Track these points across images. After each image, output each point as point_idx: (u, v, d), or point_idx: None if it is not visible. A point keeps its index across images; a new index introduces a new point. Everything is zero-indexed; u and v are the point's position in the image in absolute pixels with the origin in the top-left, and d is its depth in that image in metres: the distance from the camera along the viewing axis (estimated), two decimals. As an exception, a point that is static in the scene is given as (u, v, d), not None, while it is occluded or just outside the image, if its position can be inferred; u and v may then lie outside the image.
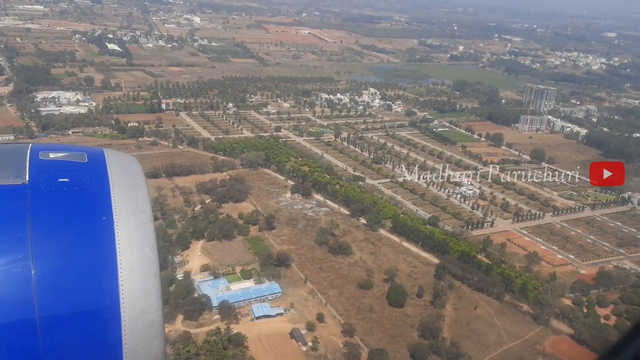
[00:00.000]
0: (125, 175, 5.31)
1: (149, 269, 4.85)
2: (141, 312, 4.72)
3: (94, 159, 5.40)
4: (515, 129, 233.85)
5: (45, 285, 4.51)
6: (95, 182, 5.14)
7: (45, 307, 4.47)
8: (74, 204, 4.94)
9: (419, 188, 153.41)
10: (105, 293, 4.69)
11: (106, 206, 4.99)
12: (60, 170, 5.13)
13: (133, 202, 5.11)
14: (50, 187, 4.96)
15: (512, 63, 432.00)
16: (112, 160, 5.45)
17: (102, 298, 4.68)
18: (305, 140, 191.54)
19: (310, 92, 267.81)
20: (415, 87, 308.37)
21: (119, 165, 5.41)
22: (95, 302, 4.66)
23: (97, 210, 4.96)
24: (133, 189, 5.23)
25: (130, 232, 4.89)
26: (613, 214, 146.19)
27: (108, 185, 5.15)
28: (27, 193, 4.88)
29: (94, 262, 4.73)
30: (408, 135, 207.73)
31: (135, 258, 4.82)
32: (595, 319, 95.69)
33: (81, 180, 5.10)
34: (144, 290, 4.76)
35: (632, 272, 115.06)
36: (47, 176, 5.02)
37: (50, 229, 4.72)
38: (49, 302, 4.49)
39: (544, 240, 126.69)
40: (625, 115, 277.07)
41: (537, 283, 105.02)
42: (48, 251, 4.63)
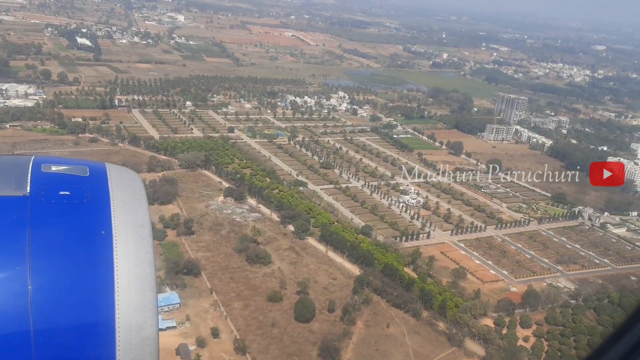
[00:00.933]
0: (126, 190, 5.25)
1: (146, 285, 4.75)
2: (136, 328, 4.62)
3: (95, 172, 5.35)
4: (481, 138, 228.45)
5: (41, 299, 4.44)
6: (96, 196, 5.07)
7: (40, 321, 4.40)
8: (74, 217, 4.87)
9: (362, 195, 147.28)
10: (101, 308, 4.61)
11: (106, 220, 4.93)
12: (61, 183, 5.09)
13: (133, 217, 5.03)
14: (51, 200, 4.91)
15: (494, 72, 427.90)
16: (114, 174, 5.41)
17: (98, 313, 4.60)
18: (257, 142, 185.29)
19: (277, 93, 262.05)
20: (388, 93, 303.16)
21: (120, 179, 5.36)
22: (90, 316, 4.58)
23: (96, 224, 4.89)
24: (133, 204, 5.16)
25: (128, 247, 4.82)
26: (560, 229, 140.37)
27: (108, 199, 5.08)
28: (28, 205, 4.82)
29: (91, 277, 4.65)
30: (367, 141, 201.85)
31: (133, 273, 4.73)
32: (511, 341, 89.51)
33: (82, 193, 5.04)
34: (140, 306, 4.67)
35: (565, 290, 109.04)
36: (48, 188, 4.98)
37: (49, 242, 4.67)
38: (44, 316, 4.42)
39: (480, 255, 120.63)
40: (598, 127, 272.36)
41: (459, 300, 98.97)
42: (46, 264, 4.55)
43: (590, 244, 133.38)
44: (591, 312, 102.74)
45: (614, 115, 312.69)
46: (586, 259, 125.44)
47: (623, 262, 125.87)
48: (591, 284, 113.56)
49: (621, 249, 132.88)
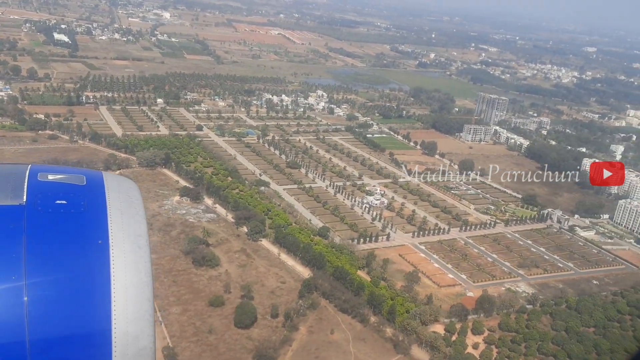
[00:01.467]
0: (122, 199, 5.20)
1: (142, 295, 4.72)
2: (133, 338, 4.59)
3: (92, 181, 5.31)
4: (459, 138, 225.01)
5: (37, 308, 4.39)
6: (93, 205, 5.03)
7: (36, 330, 4.34)
8: (71, 226, 4.83)
9: (325, 196, 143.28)
10: (97, 318, 4.55)
11: (102, 229, 4.89)
12: (58, 192, 5.04)
13: (130, 226, 5.00)
14: (48, 209, 4.87)
15: (481, 72, 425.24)
16: (111, 183, 5.36)
17: (94, 323, 4.55)
18: (225, 140, 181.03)
19: (254, 92, 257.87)
20: (368, 92, 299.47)
21: (117, 189, 5.31)
22: (86, 326, 4.53)
23: (93, 233, 4.85)
24: (130, 213, 5.12)
25: (125, 256, 4.78)
26: (527, 232, 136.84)
27: (105, 208, 5.04)
28: (24, 214, 4.78)
29: (88, 286, 4.59)
30: (340, 140, 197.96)
31: (130, 283, 4.69)
32: (458, 348, 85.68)
33: (79, 202, 4.99)
34: (136, 316, 4.63)
35: (524, 295, 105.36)
36: (44, 197, 4.93)
37: (45, 251, 4.62)
38: (39, 325, 4.37)
39: (440, 258, 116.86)
40: (579, 129, 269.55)
41: (411, 305, 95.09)
42: (42, 273, 4.51)
43: (556, 248, 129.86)
44: (547, 317, 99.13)
45: (597, 116, 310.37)
46: (550, 262, 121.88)
47: (587, 265, 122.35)
48: (551, 289, 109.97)
49: (587, 252, 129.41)
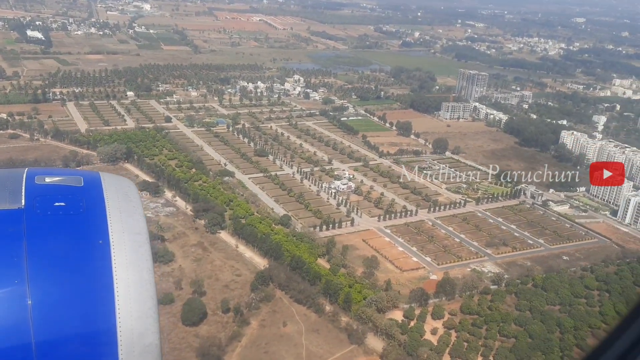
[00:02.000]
0: (121, 199, 5.24)
1: (145, 292, 4.75)
2: (138, 336, 4.61)
3: (90, 182, 5.35)
4: (437, 117, 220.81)
5: (41, 310, 4.45)
6: (92, 206, 5.08)
7: (41, 332, 4.41)
8: (70, 228, 4.89)
9: (292, 183, 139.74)
10: (101, 317, 4.61)
11: (102, 230, 4.94)
12: (56, 194, 5.08)
13: (129, 225, 5.03)
14: (46, 212, 4.92)
15: (466, 49, 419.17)
16: (108, 183, 5.40)
17: (99, 322, 4.60)
18: (194, 131, 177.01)
19: (229, 80, 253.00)
20: (347, 74, 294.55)
21: (115, 188, 5.35)
22: (91, 326, 4.58)
23: (93, 234, 4.91)
24: (129, 212, 5.15)
25: (126, 255, 4.82)
26: (498, 209, 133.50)
27: (104, 208, 5.09)
28: (23, 217, 4.83)
29: (90, 286, 4.66)
30: (313, 125, 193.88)
31: (132, 281, 4.73)
32: (414, 335, 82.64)
33: (77, 204, 5.05)
34: (140, 314, 4.67)
35: (489, 275, 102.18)
36: (43, 200, 4.99)
37: (46, 253, 4.68)
38: (44, 327, 4.43)
39: (405, 241, 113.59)
40: (562, 101, 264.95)
41: (369, 292, 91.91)
42: (44, 276, 4.58)
43: (527, 224, 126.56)
44: (512, 297, 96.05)
45: (582, 87, 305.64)
46: (519, 240, 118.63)
47: (558, 241, 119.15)
48: (518, 267, 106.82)
49: (559, 227, 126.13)
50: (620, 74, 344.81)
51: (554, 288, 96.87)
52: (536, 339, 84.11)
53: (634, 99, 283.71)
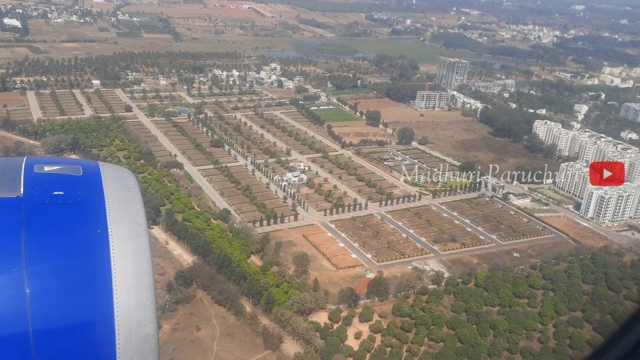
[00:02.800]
0: (120, 188, 5.25)
1: (143, 282, 4.75)
2: (136, 326, 4.63)
3: (88, 172, 5.35)
4: (412, 106, 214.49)
5: (39, 299, 4.47)
6: (90, 195, 5.08)
7: (39, 321, 4.43)
8: (69, 217, 4.89)
9: (243, 174, 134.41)
10: (99, 306, 4.62)
11: (101, 219, 4.94)
12: (55, 183, 5.09)
13: (128, 215, 5.03)
14: (45, 200, 4.93)
15: (456, 37, 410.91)
16: (107, 173, 5.41)
17: (96, 311, 4.61)
18: (154, 120, 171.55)
19: (203, 68, 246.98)
20: (328, 63, 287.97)
21: (114, 178, 5.36)
22: (89, 315, 4.60)
23: (92, 223, 4.91)
24: (128, 202, 5.16)
25: (125, 245, 4.83)
26: (455, 202, 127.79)
27: (103, 198, 5.10)
28: (22, 206, 4.85)
29: (89, 276, 4.67)
30: (281, 115, 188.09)
31: (130, 271, 4.74)
32: (334, 340, 77.46)
33: (76, 193, 5.05)
34: (138, 304, 4.67)
35: (431, 274, 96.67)
36: (42, 189, 5.00)
37: (45, 242, 4.70)
38: (42, 316, 4.45)
39: (348, 236, 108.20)
40: (546, 89, 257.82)
41: (296, 292, 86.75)
42: (42, 264, 4.59)
43: (483, 218, 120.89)
44: (450, 297, 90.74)
45: (569, 75, 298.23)
46: (471, 235, 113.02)
47: (512, 236, 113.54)
48: (464, 265, 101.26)
49: (516, 222, 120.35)
50: (612, 62, 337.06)
51: (496, 288, 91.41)
52: (466, 343, 78.85)
53: (622, 87, 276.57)
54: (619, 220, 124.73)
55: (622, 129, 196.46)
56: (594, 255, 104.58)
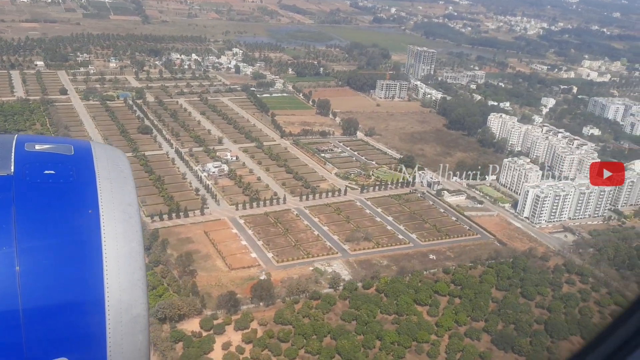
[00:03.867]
0: (112, 169, 5.17)
1: (134, 263, 4.67)
2: (126, 306, 4.57)
3: (80, 151, 5.23)
4: (371, 95, 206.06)
5: (29, 278, 4.41)
6: (82, 175, 4.98)
7: (29, 300, 4.37)
8: (60, 196, 4.78)
9: (162, 164, 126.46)
10: (90, 286, 4.53)
11: (92, 199, 4.83)
12: (46, 162, 4.98)
13: (119, 195, 4.94)
14: (36, 179, 4.83)
15: (439, 27, 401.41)
16: (99, 153, 5.29)
17: (87, 291, 4.52)
18: (87, 104, 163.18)
19: (162, 52, 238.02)
20: (296, 49, 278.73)
21: (106, 158, 5.26)
22: (79, 295, 4.51)
23: (83, 203, 4.80)
24: (120, 182, 5.08)
25: (116, 225, 4.73)
26: (384, 198, 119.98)
27: (94, 178, 5.00)
28: (12, 184, 4.75)
29: (79, 255, 4.58)
30: (227, 101, 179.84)
31: (121, 252, 4.65)
32: (195, 352, 69.85)
33: (67, 172, 4.95)
34: (129, 284, 4.60)
35: (329, 276, 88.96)
36: (32, 168, 4.90)
37: (35, 221, 4.60)
38: (32, 295, 4.39)
39: (254, 233, 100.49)
40: (517, 82, 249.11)
41: (172, 296, 79.13)
42: (32, 243, 4.51)
43: (408, 216, 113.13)
44: (345, 303, 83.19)
45: (546, 68, 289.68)
46: (389, 234, 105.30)
47: (434, 236, 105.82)
48: (372, 266, 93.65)
49: (443, 221, 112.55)
50: (594, 55, 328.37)
51: (397, 294, 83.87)
52: (344, 356, 71.36)
53: (597, 81, 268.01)
54: (556, 220, 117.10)
55: (586, 123, 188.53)
56: (516, 259, 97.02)
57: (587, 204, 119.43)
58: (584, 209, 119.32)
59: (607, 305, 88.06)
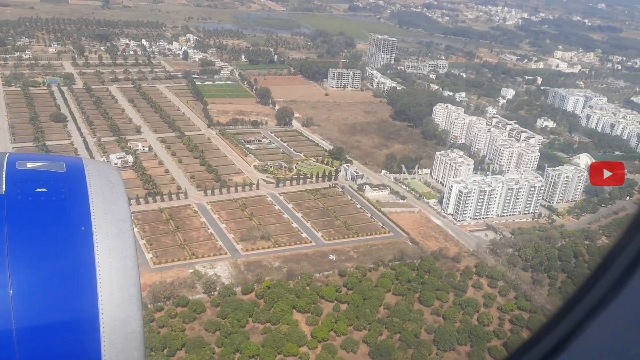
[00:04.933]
0: (104, 185, 5.15)
1: (128, 279, 4.68)
2: (121, 323, 4.56)
3: (72, 168, 5.23)
4: (322, 84, 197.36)
5: (23, 297, 4.37)
6: (74, 192, 4.97)
7: (22, 319, 4.33)
8: (52, 214, 4.77)
9: (65, 154, 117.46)
10: (84, 304, 4.51)
11: (85, 216, 4.82)
12: (37, 180, 4.98)
13: (112, 211, 4.92)
14: (28, 197, 4.81)
15: (415, 16, 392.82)
16: (91, 169, 5.30)
17: (81, 309, 4.50)
18: (8, 90, 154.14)
19: (110, 37, 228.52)
20: (256, 37, 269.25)
21: (98, 174, 5.27)
22: (73, 313, 4.48)
23: (75, 220, 4.77)
24: (112, 199, 5.05)
25: (109, 242, 4.73)
26: (299, 193, 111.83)
27: (87, 194, 4.98)
28: (4, 203, 4.71)
29: (73, 273, 4.56)
30: (163, 89, 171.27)
31: (115, 268, 4.65)
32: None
33: (59, 190, 4.94)
34: (123, 301, 4.60)
35: (209, 280, 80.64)
36: (24, 186, 4.88)
37: (28, 240, 4.57)
38: (26, 314, 4.35)
39: (140, 231, 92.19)
40: (482, 72, 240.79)
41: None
42: (25, 262, 4.48)
43: (320, 212, 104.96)
44: (215, 310, 75.03)
45: (515, 58, 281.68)
46: (292, 232, 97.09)
47: (342, 235, 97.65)
48: (261, 268, 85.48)
49: (356, 218, 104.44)
50: (570, 46, 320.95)
51: (276, 299, 75.83)
52: (191, 372, 63.33)
53: (566, 72, 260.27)
54: (481, 218, 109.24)
55: (542, 115, 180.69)
56: (423, 261, 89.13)
57: (516, 201, 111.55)
58: (513, 205, 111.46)
59: (509, 311, 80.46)
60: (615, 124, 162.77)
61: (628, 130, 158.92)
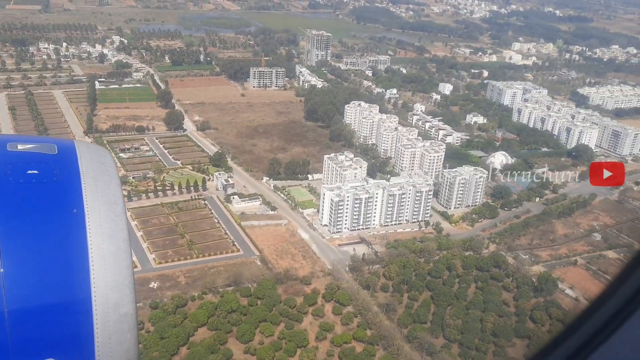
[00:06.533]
0: (96, 167, 5.05)
1: (121, 262, 4.61)
2: (114, 305, 4.51)
3: (64, 150, 5.10)
4: (243, 84, 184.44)
5: (14, 279, 4.34)
6: (66, 174, 4.87)
7: (14, 301, 4.30)
8: (44, 196, 4.68)
9: None
10: (76, 286, 4.46)
11: (77, 198, 4.73)
12: (29, 161, 4.86)
13: (104, 194, 4.83)
14: (19, 180, 4.72)
15: (376, 11, 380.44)
16: (83, 151, 5.17)
17: (73, 291, 4.45)
18: None
19: (31, 41, 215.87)
20: (192, 37, 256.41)
21: (90, 156, 5.15)
22: (66, 295, 4.44)
23: (67, 203, 4.70)
24: (104, 181, 4.96)
25: (101, 224, 4.64)
26: (151, 207, 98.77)
27: (79, 177, 4.89)
28: None
29: (65, 255, 4.51)
30: (58, 94, 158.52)
31: (107, 251, 4.57)
32: None
33: (51, 172, 4.84)
34: (116, 283, 4.53)
35: None
36: (15, 168, 4.78)
37: (19, 222, 4.50)
38: (18, 296, 4.32)
39: None
40: (427, 67, 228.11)
41: None
42: (17, 245, 4.44)
43: (166, 230, 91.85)
44: None
45: (469, 52, 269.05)
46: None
47: (180, 256, 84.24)
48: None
49: (207, 234, 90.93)
50: (531, 38, 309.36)
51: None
52: None
53: (520, 64, 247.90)
54: (362, 228, 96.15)
55: (474, 110, 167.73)
56: (260, 285, 75.96)
57: (401, 208, 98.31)
58: (397, 213, 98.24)
59: (341, 344, 67.36)
60: (546, 118, 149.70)
61: (558, 124, 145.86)
